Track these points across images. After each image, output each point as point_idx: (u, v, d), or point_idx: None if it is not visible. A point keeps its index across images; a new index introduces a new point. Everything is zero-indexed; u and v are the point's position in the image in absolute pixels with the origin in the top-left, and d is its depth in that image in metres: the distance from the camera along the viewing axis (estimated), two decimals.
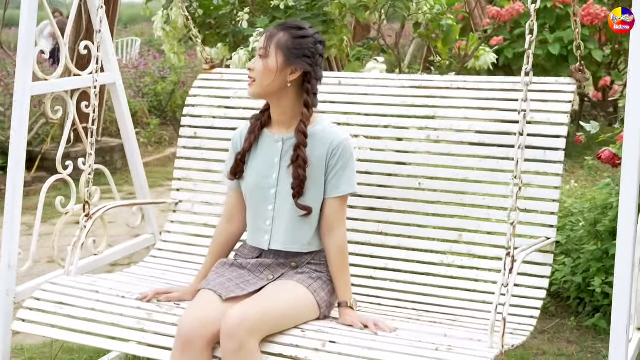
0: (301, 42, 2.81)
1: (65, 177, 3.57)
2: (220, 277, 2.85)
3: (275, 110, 2.89)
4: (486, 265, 3.21)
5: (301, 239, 2.87)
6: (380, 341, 2.62)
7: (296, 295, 2.76)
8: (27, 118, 3.36)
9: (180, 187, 3.78)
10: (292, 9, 4.57)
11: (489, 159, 3.26)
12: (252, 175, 2.92)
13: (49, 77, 3.52)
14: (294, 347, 2.65)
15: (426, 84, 3.46)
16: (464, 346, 2.58)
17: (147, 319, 2.87)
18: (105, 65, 3.77)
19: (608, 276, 4.09)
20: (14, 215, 3.31)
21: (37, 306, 3.06)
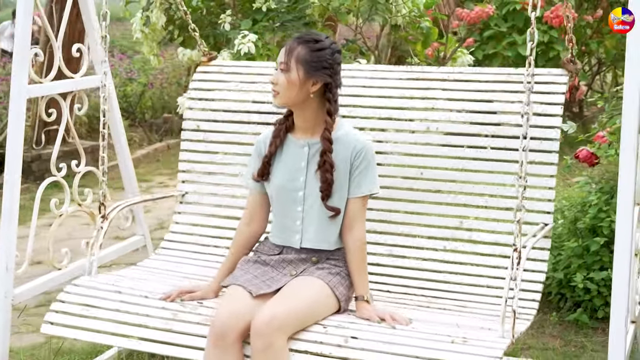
0: (319, 55, 2.96)
1: (59, 180, 3.62)
2: (246, 273, 3.01)
3: (299, 117, 3.05)
4: (487, 251, 3.39)
5: (329, 237, 3.04)
6: (398, 335, 2.80)
7: (318, 292, 2.93)
8: (23, 121, 3.40)
9: (186, 179, 3.90)
10: (273, 11, 4.66)
11: (486, 150, 3.43)
12: (278, 178, 3.07)
13: (43, 80, 3.54)
14: (318, 344, 2.82)
15: (423, 76, 3.61)
16: (477, 337, 2.77)
17: (173, 319, 3.02)
18: (96, 68, 3.81)
19: (589, 272, 4.27)
20: (11, 218, 3.37)
21: (64, 309, 3.19)
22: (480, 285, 3.33)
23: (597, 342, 4.09)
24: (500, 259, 3.35)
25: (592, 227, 4.33)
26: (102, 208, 3.45)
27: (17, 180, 3.37)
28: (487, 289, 3.31)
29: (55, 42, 3.53)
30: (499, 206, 3.40)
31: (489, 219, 3.42)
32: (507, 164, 3.39)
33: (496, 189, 3.40)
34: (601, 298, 4.26)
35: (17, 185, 3.37)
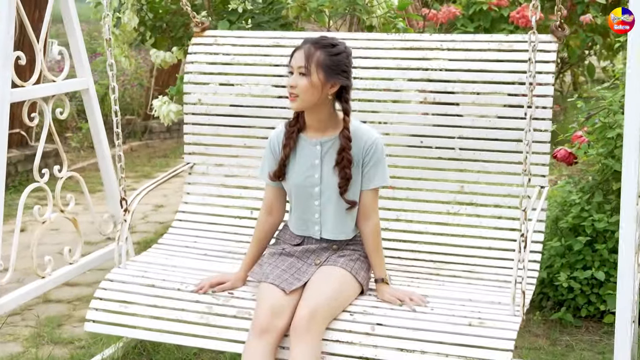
0: (338, 59, 3.11)
1: (42, 186, 3.64)
2: (275, 268, 3.25)
3: (312, 118, 3.21)
4: (487, 213, 3.65)
5: (346, 228, 3.29)
6: (420, 320, 3.09)
7: (344, 281, 3.20)
8: (7, 127, 3.39)
9: (192, 151, 4.05)
10: (247, 12, 4.64)
11: (482, 118, 3.61)
12: (294, 177, 3.27)
13: (25, 84, 3.53)
14: (347, 333, 3.11)
15: (418, 45, 3.73)
16: (491, 317, 3.07)
17: (209, 313, 3.27)
18: (77, 71, 3.83)
19: (572, 271, 4.37)
20: None
21: (103, 306, 3.41)
22: (484, 248, 3.60)
23: (584, 341, 4.20)
24: (499, 220, 3.62)
25: (573, 226, 4.41)
26: (124, 202, 3.61)
27: (1, 190, 3.35)
28: (490, 250, 3.58)
29: (37, 44, 3.52)
30: (496, 170, 3.62)
31: (487, 182, 3.65)
32: (501, 131, 3.59)
33: (493, 154, 3.62)
34: (584, 297, 4.35)
35: (1, 196, 3.37)
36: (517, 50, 3.60)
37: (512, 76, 3.56)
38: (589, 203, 4.41)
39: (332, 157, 3.23)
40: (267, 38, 3.99)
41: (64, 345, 4.26)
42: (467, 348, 2.96)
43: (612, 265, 4.27)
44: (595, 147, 4.39)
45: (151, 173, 8.43)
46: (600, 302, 4.33)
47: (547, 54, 3.54)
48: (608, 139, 4.32)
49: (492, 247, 3.59)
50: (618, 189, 4.24)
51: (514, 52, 3.60)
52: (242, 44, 4.00)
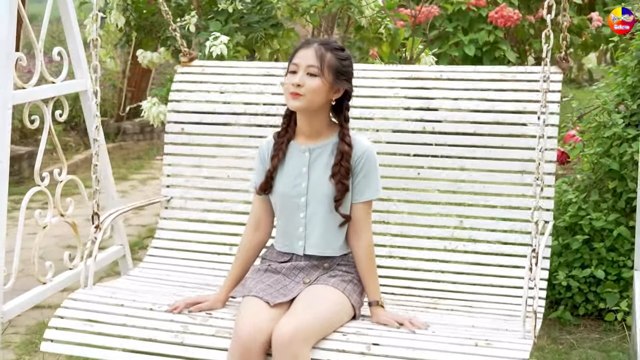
0: (345, 64, 2.94)
1: (44, 189, 3.48)
2: (259, 283, 2.95)
3: (306, 123, 2.99)
4: (488, 249, 3.41)
5: (334, 243, 3.00)
6: (420, 340, 2.78)
7: (335, 301, 2.89)
8: (9, 129, 3.28)
9: (171, 184, 3.80)
10: (237, 12, 4.59)
11: (483, 148, 3.44)
12: (280, 185, 3.01)
13: (26, 85, 3.41)
14: (340, 352, 2.78)
15: (416, 75, 3.59)
16: (499, 339, 2.78)
17: (184, 332, 2.94)
18: (76, 73, 3.70)
19: (570, 270, 4.34)
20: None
21: (64, 325, 3.06)
22: (484, 285, 3.34)
23: (584, 339, 4.16)
24: (501, 257, 3.38)
25: (570, 225, 4.39)
26: (96, 218, 3.32)
27: (4, 195, 3.23)
28: (492, 287, 3.32)
29: (37, 45, 3.37)
30: (498, 204, 3.41)
31: (488, 217, 3.43)
32: (503, 162, 3.41)
33: (495, 187, 3.42)
34: (582, 295, 4.35)
35: (4, 199, 3.23)
36: (519, 81, 3.47)
37: (515, 105, 3.42)
38: (585, 202, 4.37)
39: (322, 166, 2.98)
40: (258, 68, 3.83)
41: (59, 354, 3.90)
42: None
43: (610, 263, 4.33)
44: (592, 146, 4.37)
45: (127, 175, 8.24)
46: (598, 300, 4.33)
47: (552, 84, 3.41)
48: (604, 138, 4.32)
49: (494, 284, 3.33)
50: (614, 188, 4.34)
51: (516, 82, 3.46)
52: (230, 73, 3.82)
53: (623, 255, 4.32)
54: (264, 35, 4.62)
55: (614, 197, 4.37)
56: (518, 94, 3.44)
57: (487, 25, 6.52)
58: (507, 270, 3.35)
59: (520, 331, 2.83)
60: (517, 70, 3.53)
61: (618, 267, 4.31)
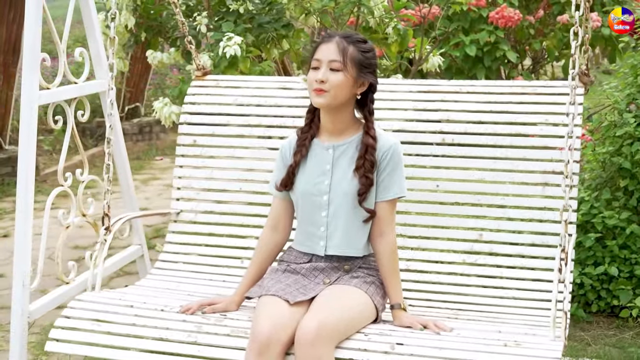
0: (368, 57, 2.88)
1: (67, 190, 3.39)
2: (277, 282, 2.84)
3: (330, 120, 2.92)
4: (509, 263, 3.31)
5: (356, 243, 2.90)
6: (447, 340, 2.68)
7: (358, 301, 2.79)
8: (35, 129, 3.21)
9: (181, 197, 3.70)
10: (247, 13, 4.58)
11: (503, 160, 3.38)
12: (302, 183, 2.93)
13: (50, 86, 3.34)
14: (362, 351, 2.67)
15: (434, 89, 3.55)
16: (529, 341, 2.68)
17: (197, 332, 2.82)
18: (97, 73, 3.64)
19: (583, 267, 4.32)
20: (26, 233, 3.17)
21: (70, 324, 2.94)
22: (506, 297, 3.24)
23: (598, 336, 4.14)
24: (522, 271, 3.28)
25: (582, 223, 4.38)
26: (106, 219, 3.21)
27: (30, 194, 3.16)
28: (514, 300, 3.22)
29: (60, 46, 3.32)
30: (518, 217, 3.34)
31: (508, 230, 3.35)
32: (525, 174, 3.35)
33: (515, 200, 3.35)
34: (594, 292, 4.33)
35: (31, 199, 3.15)
36: (540, 94, 3.43)
37: (537, 117, 3.37)
38: (597, 200, 4.37)
39: (345, 162, 2.91)
40: (273, 82, 3.79)
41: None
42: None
43: (622, 261, 4.34)
44: (604, 145, 4.39)
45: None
46: (610, 297, 4.33)
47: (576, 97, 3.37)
48: (615, 137, 4.34)
49: (516, 297, 3.23)
50: (625, 186, 4.36)
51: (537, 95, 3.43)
52: (245, 87, 3.77)
53: (635, 252, 4.34)
54: (275, 35, 4.59)
55: (625, 196, 4.40)
56: (539, 106, 3.39)
57: (487, 25, 6.56)
58: (529, 284, 3.25)
59: (549, 335, 2.72)
60: (538, 84, 3.49)
61: (630, 264, 4.32)
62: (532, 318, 3.10)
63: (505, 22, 6.40)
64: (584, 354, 3.82)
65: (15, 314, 3.17)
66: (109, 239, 3.22)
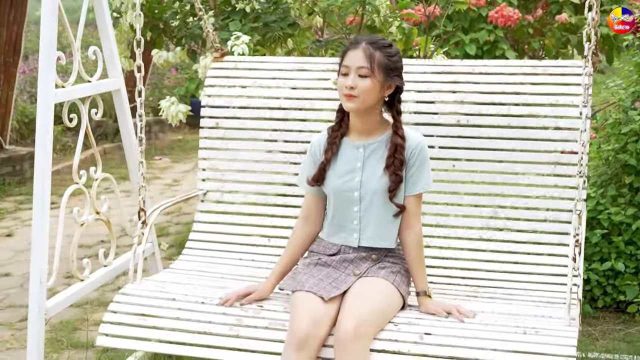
0: (394, 60, 3.02)
1: (82, 187, 3.44)
2: (311, 277, 3.04)
3: (360, 121, 3.08)
4: (524, 238, 3.51)
5: (387, 235, 3.10)
6: (471, 329, 2.89)
7: (387, 293, 3.00)
8: (52, 127, 3.26)
9: (207, 177, 3.87)
10: (254, 12, 4.64)
11: (516, 140, 3.54)
12: (333, 180, 3.10)
13: (65, 84, 3.39)
14: (394, 342, 2.89)
15: (448, 69, 3.68)
16: (546, 327, 2.89)
17: (238, 325, 3.03)
18: (110, 72, 3.69)
19: (590, 263, 4.43)
20: (42, 230, 3.21)
21: (118, 319, 3.14)
22: (520, 272, 3.44)
23: (605, 331, 4.25)
24: (535, 246, 3.48)
25: (589, 219, 4.45)
26: (142, 214, 3.39)
27: (47, 192, 3.22)
28: (528, 275, 3.43)
29: (75, 45, 3.39)
30: (532, 195, 3.52)
31: (522, 207, 3.54)
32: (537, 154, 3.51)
33: (528, 178, 3.52)
34: (600, 288, 4.44)
35: (47, 197, 3.22)
36: (551, 74, 3.57)
37: (548, 98, 3.52)
38: (603, 197, 4.48)
39: (375, 160, 3.09)
40: (291, 63, 3.90)
41: (85, 350, 4.05)
42: (524, 355, 2.77)
43: (628, 256, 4.41)
44: (609, 143, 4.48)
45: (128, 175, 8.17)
46: (616, 293, 4.40)
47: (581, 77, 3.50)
48: (620, 135, 4.43)
49: (530, 271, 3.44)
50: (630, 183, 4.45)
51: (548, 76, 3.56)
52: (263, 68, 3.89)
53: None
54: (282, 34, 4.68)
55: (630, 192, 4.47)
56: (550, 87, 3.53)
57: (487, 24, 6.61)
58: (542, 258, 3.46)
59: (564, 318, 2.94)
60: (548, 64, 3.62)
61: (636, 260, 4.41)
62: (545, 293, 3.33)
63: (504, 22, 6.42)
64: (592, 348, 3.97)
65: (33, 312, 3.19)
66: (146, 232, 3.39)
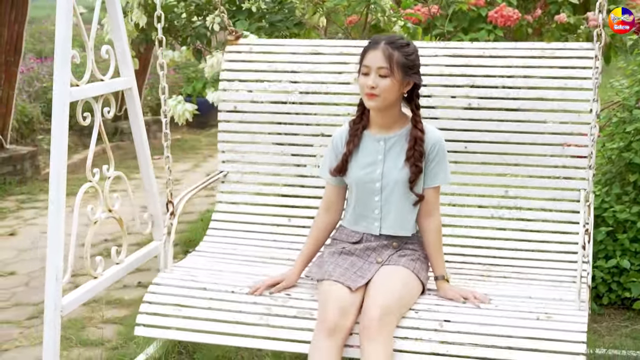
0: (412, 59, 3.18)
1: (95, 185, 3.48)
2: (337, 267, 3.23)
3: (380, 116, 3.25)
4: (532, 216, 3.69)
5: (406, 224, 3.29)
6: (487, 315, 3.08)
7: (408, 281, 3.20)
8: (67, 126, 3.29)
9: (226, 159, 4.01)
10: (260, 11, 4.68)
11: (525, 123, 3.68)
12: (355, 171, 3.28)
13: (79, 83, 3.41)
14: (415, 330, 3.09)
15: (459, 52, 3.79)
16: (558, 311, 3.09)
17: (268, 314, 3.21)
18: (122, 71, 3.73)
19: (595, 261, 4.51)
20: (58, 227, 3.22)
21: (153, 310, 3.33)
22: (531, 250, 3.63)
23: (610, 327, 4.34)
24: (544, 224, 3.66)
25: (594, 217, 4.40)
26: (170, 205, 3.55)
27: (63, 188, 3.25)
28: (539, 253, 3.62)
29: (89, 44, 3.44)
30: (540, 175, 3.68)
31: (531, 187, 3.70)
32: (546, 135, 3.66)
33: (538, 159, 3.67)
34: (605, 285, 4.53)
35: (63, 194, 3.25)
36: (558, 57, 3.68)
37: (557, 82, 3.64)
38: (607, 195, 4.57)
39: (396, 153, 3.25)
40: (306, 46, 4.01)
41: (94, 347, 4.19)
42: (538, 341, 2.97)
43: (633, 254, 4.47)
44: (615, 141, 4.59)
45: (128, 175, 8.12)
46: (621, 290, 4.49)
47: (589, 60, 3.63)
48: (624, 133, 4.53)
49: (540, 249, 3.63)
50: (635, 181, 4.52)
51: (555, 59, 3.68)
52: (278, 52, 4.00)
53: None
54: (288, 34, 4.75)
55: (635, 190, 4.56)
56: (558, 70, 3.65)
57: (486, 24, 6.62)
58: (551, 236, 3.64)
59: (575, 301, 3.14)
60: (556, 46, 3.73)
61: None
62: (555, 272, 3.52)
63: (504, 21, 6.40)
64: (600, 344, 4.08)
65: (49, 309, 3.20)
66: (175, 222, 3.55)
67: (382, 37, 3.22)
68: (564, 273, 3.50)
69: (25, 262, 5.65)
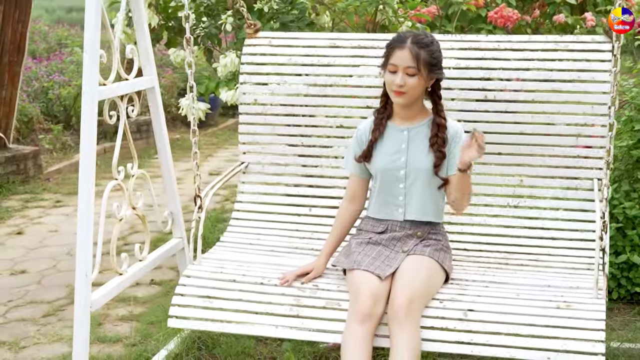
0: (436, 56, 3.32)
1: (120, 183, 3.56)
2: (365, 256, 3.36)
3: (404, 109, 3.40)
4: (547, 205, 3.82)
5: (429, 210, 3.44)
6: (509, 304, 3.22)
7: (433, 270, 3.35)
8: (95, 124, 3.36)
9: (247, 151, 4.11)
10: (271, 11, 4.73)
11: (540, 115, 3.79)
12: (380, 160, 3.42)
13: (106, 82, 3.49)
14: (440, 319, 3.22)
15: (475, 45, 3.89)
16: (576, 300, 3.23)
17: (297, 305, 3.34)
18: (144, 70, 3.79)
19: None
20: (88, 224, 3.29)
21: (185, 302, 3.44)
22: (546, 238, 3.76)
23: (620, 322, 4.42)
24: (559, 212, 3.79)
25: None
26: (198, 199, 3.65)
27: (92, 184, 3.33)
28: (553, 240, 3.75)
29: (114, 44, 3.51)
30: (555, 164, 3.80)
31: (546, 176, 3.82)
32: (560, 127, 3.77)
33: (551, 149, 3.79)
34: (615, 280, 4.64)
35: (92, 191, 3.32)
36: (572, 50, 3.79)
37: (570, 75, 3.75)
38: (617, 192, 4.68)
39: (419, 142, 3.40)
40: (324, 39, 4.09)
41: (113, 344, 4.29)
42: (559, 329, 3.11)
43: None
44: (624, 139, 4.69)
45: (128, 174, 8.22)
46: (630, 285, 4.62)
47: (602, 53, 3.74)
48: (633, 131, 4.64)
49: (555, 237, 3.76)
50: None
51: (569, 52, 3.78)
52: (297, 45, 4.08)
53: None
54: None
55: None
56: (572, 63, 3.76)
57: (486, 25, 6.68)
58: (566, 224, 3.77)
59: (593, 289, 3.28)
60: (569, 39, 3.83)
61: None
62: (570, 259, 3.66)
63: (504, 22, 6.44)
64: (613, 337, 4.15)
65: (79, 304, 3.30)
66: (202, 215, 3.66)
67: (407, 35, 3.32)
68: (578, 260, 3.64)
69: (35, 261, 5.68)
